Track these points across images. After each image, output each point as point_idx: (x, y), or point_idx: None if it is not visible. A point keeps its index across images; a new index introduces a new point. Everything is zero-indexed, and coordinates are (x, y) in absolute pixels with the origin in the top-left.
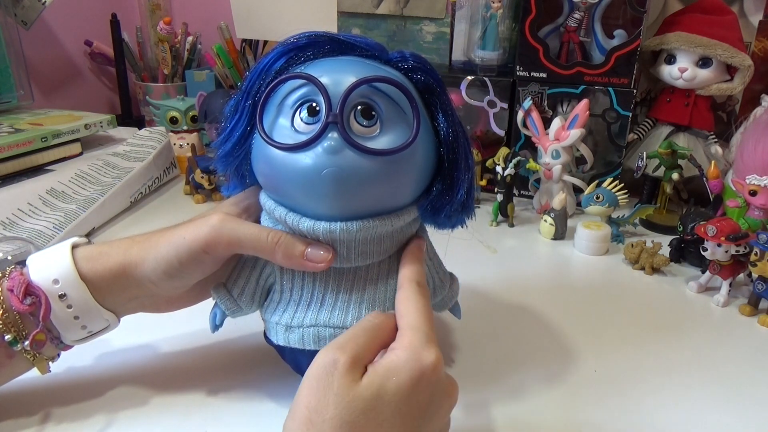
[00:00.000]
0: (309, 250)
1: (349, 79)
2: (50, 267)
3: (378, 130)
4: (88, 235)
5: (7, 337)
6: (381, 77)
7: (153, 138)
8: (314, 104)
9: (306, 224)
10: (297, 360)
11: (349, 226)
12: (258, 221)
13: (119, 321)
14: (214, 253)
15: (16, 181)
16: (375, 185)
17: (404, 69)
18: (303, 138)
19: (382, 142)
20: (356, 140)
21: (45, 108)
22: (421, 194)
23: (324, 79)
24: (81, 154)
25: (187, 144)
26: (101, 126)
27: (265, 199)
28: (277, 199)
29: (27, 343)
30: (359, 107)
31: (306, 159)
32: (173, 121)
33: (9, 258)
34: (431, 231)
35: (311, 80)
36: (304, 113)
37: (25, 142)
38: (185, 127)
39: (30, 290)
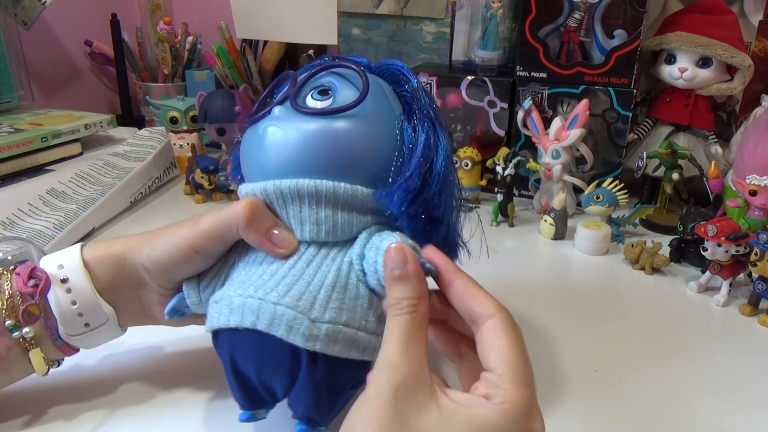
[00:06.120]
0: (275, 230)
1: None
2: (58, 256)
3: (330, 103)
4: (88, 235)
5: (8, 322)
6: (337, 63)
7: (153, 138)
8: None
9: (248, 187)
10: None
11: (282, 182)
12: None
13: (121, 328)
14: (202, 251)
15: (16, 181)
16: (307, 144)
17: (379, 73)
18: None
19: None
20: (300, 105)
21: (45, 108)
22: (380, 190)
23: (300, 76)
24: (81, 154)
25: (187, 144)
26: (101, 126)
27: (239, 190)
28: (246, 181)
29: (26, 330)
30: (318, 88)
31: (259, 124)
32: (173, 121)
33: (9, 258)
34: None
35: (289, 75)
36: (315, 94)
37: (25, 142)
38: (185, 127)
39: (35, 273)
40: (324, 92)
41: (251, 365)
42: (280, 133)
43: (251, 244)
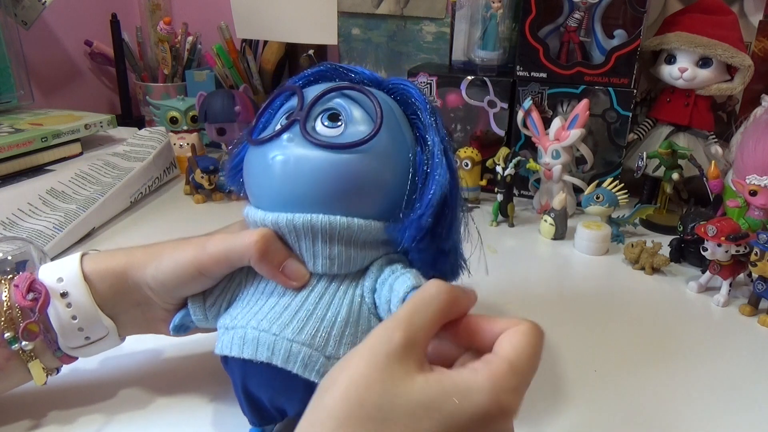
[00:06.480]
0: (288, 261)
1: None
2: (57, 267)
3: (341, 132)
4: (88, 236)
5: (7, 334)
6: (348, 85)
7: (153, 138)
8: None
9: (258, 215)
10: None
11: (295, 217)
12: None
13: (120, 338)
14: (208, 275)
15: (16, 181)
16: (320, 178)
17: (388, 91)
18: None
19: (337, 140)
20: (311, 134)
21: (45, 108)
22: (392, 225)
23: (306, 90)
24: (81, 154)
25: (187, 144)
26: (101, 126)
27: (245, 212)
28: (252, 203)
29: (25, 343)
30: (328, 112)
31: (267, 149)
32: (173, 121)
33: (9, 258)
34: None
35: (295, 89)
36: (325, 119)
37: (25, 142)
38: (185, 127)
39: (34, 286)
40: (334, 117)
41: (265, 393)
42: (292, 164)
43: (263, 275)
